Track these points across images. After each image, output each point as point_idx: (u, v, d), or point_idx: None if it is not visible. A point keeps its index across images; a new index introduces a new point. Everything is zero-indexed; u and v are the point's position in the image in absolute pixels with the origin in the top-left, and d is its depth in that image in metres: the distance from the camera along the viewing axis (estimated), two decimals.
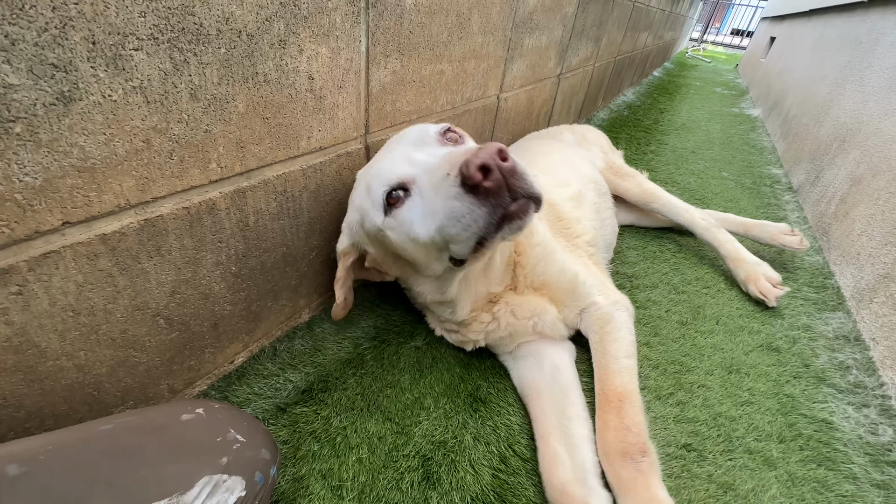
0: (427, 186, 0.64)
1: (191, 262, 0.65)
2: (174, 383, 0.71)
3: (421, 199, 0.65)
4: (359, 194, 0.77)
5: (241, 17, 0.57)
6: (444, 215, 0.60)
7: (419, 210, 0.65)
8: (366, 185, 0.74)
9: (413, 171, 0.67)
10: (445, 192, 0.59)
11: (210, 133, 0.60)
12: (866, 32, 2.11)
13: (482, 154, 0.55)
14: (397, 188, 0.68)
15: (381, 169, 0.71)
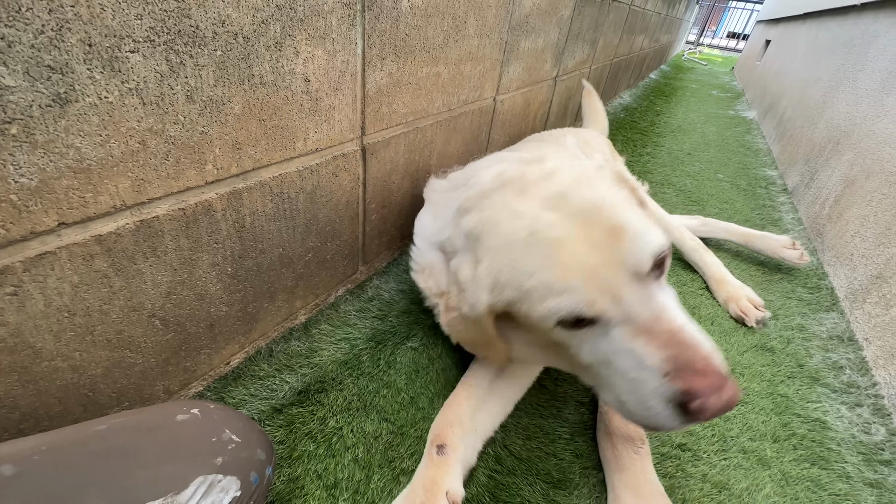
0: (628, 343, 0.55)
1: (187, 263, 0.65)
2: (170, 384, 0.71)
3: (614, 343, 0.57)
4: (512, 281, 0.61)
5: (238, 20, 0.58)
6: (635, 398, 0.56)
7: (601, 348, 0.58)
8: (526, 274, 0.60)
9: (615, 312, 0.56)
10: (651, 388, 0.54)
11: (206, 135, 0.60)
12: (859, 35, 2.13)
13: (718, 405, 0.50)
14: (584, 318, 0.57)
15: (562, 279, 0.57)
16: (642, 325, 0.56)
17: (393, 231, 1.16)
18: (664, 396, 0.53)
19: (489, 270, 0.65)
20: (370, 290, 1.09)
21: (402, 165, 1.07)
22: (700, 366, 0.52)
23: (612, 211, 0.61)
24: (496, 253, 0.64)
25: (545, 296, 0.58)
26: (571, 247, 0.58)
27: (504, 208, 0.66)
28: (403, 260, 1.22)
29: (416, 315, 1.04)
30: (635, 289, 0.57)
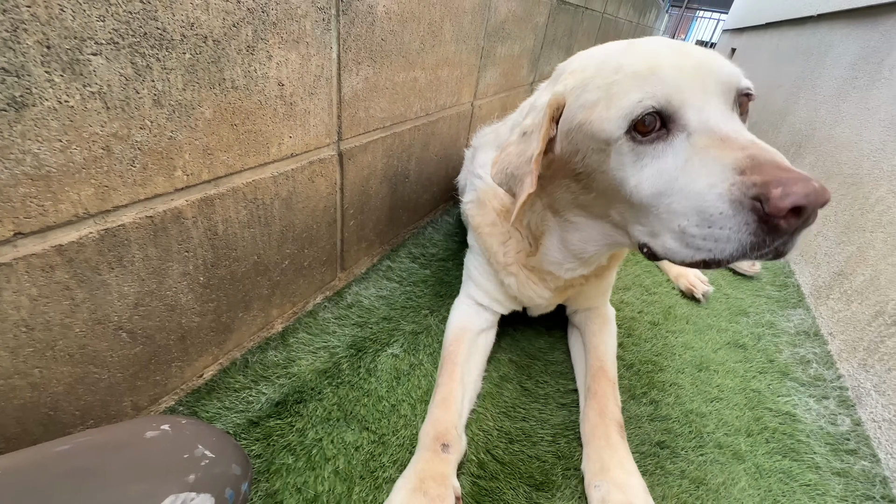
0: (700, 153, 0.50)
1: (155, 272, 0.62)
2: (138, 400, 0.68)
3: (681, 155, 0.51)
4: (592, 73, 0.60)
5: (207, 23, 0.56)
6: (697, 214, 0.49)
7: (668, 166, 0.52)
8: (609, 69, 0.57)
9: (695, 116, 0.52)
10: (718, 191, 0.47)
11: (175, 140, 0.58)
12: (816, 45, 2.24)
13: (806, 189, 0.42)
14: (659, 114, 0.53)
15: (647, 69, 0.54)
16: (720, 134, 0.50)
17: (372, 237, 1.15)
18: (737, 197, 0.45)
19: (573, 74, 0.63)
20: (349, 296, 1.08)
21: (381, 170, 1.06)
22: (783, 164, 0.46)
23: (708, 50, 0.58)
24: (589, 56, 0.64)
25: (629, 88, 0.54)
26: (665, 52, 0.56)
27: (604, 46, 0.66)
28: (383, 265, 1.21)
29: (397, 321, 1.03)
30: (720, 104, 0.53)
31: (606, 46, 0.64)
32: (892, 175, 1.17)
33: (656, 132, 0.53)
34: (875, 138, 1.32)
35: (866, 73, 1.55)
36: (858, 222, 1.24)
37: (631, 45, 0.60)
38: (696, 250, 0.51)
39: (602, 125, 0.57)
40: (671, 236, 0.53)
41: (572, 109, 0.61)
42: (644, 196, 0.55)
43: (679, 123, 0.53)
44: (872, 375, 0.96)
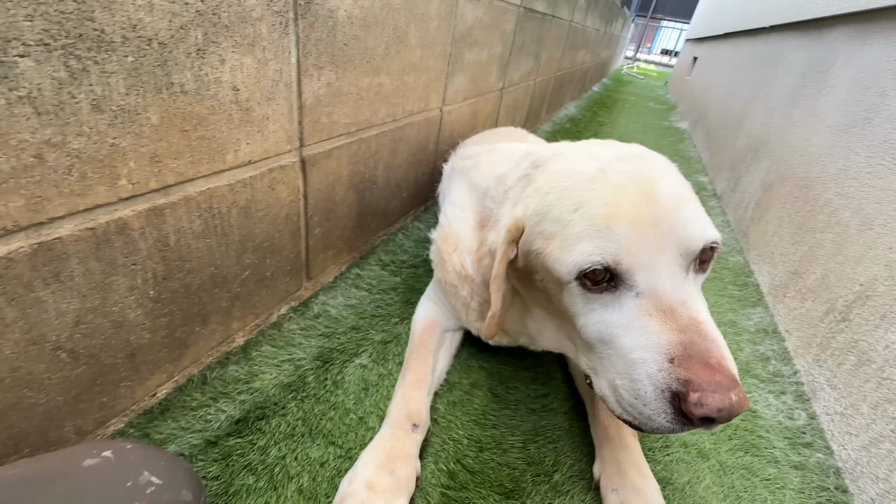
0: (643, 319, 0.51)
1: (98, 287, 0.59)
2: (82, 424, 0.64)
3: (627, 314, 0.52)
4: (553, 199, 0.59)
5: (151, 25, 0.54)
6: (629, 381, 0.50)
7: (613, 319, 0.53)
8: (570, 203, 0.57)
9: (643, 279, 0.52)
10: (648, 371, 0.48)
11: (118, 147, 0.55)
12: (769, 55, 2.36)
13: (720, 405, 0.43)
14: (608, 270, 0.52)
15: (602, 219, 0.53)
16: (664, 305, 0.50)
17: (339, 244, 1.12)
18: (661, 384, 0.47)
19: (537, 192, 0.62)
20: (316, 306, 1.05)
21: (347, 177, 1.04)
22: (713, 361, 0.46)
23: (677, 183, 0.58)
24: (555, 177, 0.62)
25: (583, 236, 0.53)
26: (630, 195, 0.54)
27: (585, 149, 0.66)
28: (351, 274, 1.18)
29: (366, 331, 1.01)
30: (672, 265, 0.53)
31: (574, 168, 0.62)
32: (838, 178, 1.23)
33: (606, 283, 0.54)
34: (823, 143, 1.40)
35: (814, 81, 1.64)
36: (810, 223, 1.30)
37: (598, 176, 0.58)
38: (624, 410, 0.53)
39: (556, 265, 0.56)
40: (607, 385, 0.55)
41: (531, 235, 0.61)
42: (589, 337, 0.57)
43: (627, 283, 0.53)
44: (825, 370, 1.00)
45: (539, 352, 0.95)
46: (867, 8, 1.35)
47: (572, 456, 0.80)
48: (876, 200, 1.04)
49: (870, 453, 0.81)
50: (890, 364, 0.83)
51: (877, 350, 0.87)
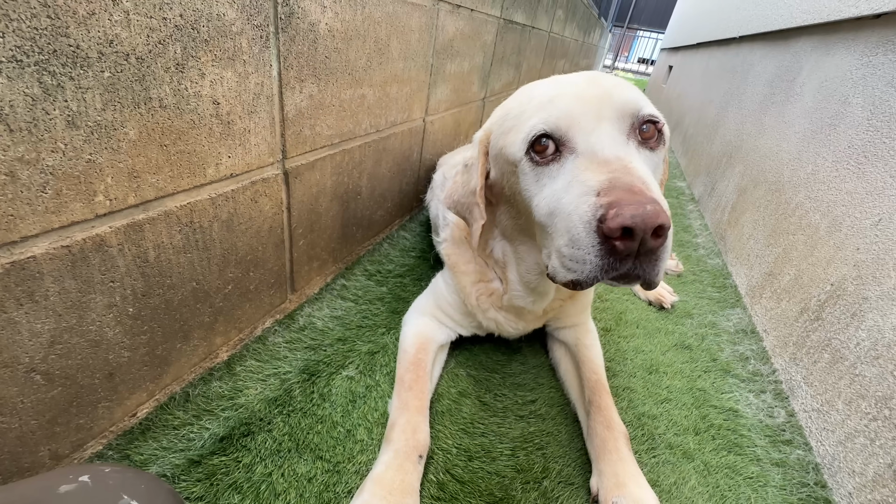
0: (580, 175, 0.53)
1: (75, 306, 0.57)
2: (58, 448, 0.62)
3: (567, 176, 0.55)
4: (513, 104, 0.67)
5: (129, 40, 0.53)
6: (567, 234, 0.51)
7: (557, 186, 0.56)
8: (525, 99, 0.65)
9: (582, 140, 0.56)
10: (579, 212, 0.50)
11: (94, 163, 0.54)
12: (740, 64, 2.45)
13: (633, 212, 0.44)
14: (550, 138, 0.58)
15: (547, 98, 0.60)
16: (599, 159, 0.53)
17: (324, 255, 1.12)
18: (587, 217, 0.48)
19: (503, 107, 0.70)
20: (301, 319, 1.04)
21: (331, 188, 1.04)
22: (636, 188, 0.47)
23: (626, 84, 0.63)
24: (519, 92, 0.70)
25: (532, 114, 0.60)
26: (578, 83, 0.62)
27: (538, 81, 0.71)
28: (337, 285, 1.18)
29: (353, 342, 1.00)
30: (612, 131, 0.57)
31: (537, 81, 0.70)
32: (808, 182, 1.28)
33: (552, 154, 0.58)
34: (792, 149, 1.45)
35: (782, 89, 1.71)
36: (782, 226, 1.35)
37: (553, 79, 0.67)
38: (568, 270, 0.53)
39: (511, 148, 0.63)
40: (555, 255, 0.56)
41: (495, 137, 0.68)
42: (541, 215, 0.59)
43: (569, 146, 0.57)
44: (801, 368, 1.04)
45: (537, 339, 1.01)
46: (829, 20, 1.42)
47: (561, 461, 0.81)
48: (843, 203, 1.08)
49: (846, 448, 0.83)
50: (861, 361, 0.86)
51: (848, 347, 0.91)
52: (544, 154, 0.58)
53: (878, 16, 1.17)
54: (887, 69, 1.08)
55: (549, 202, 0.57)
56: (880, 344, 0.83)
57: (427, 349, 0.91)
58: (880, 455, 0.76)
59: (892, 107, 1.01)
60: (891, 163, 0.96)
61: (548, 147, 0.58)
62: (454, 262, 0.91)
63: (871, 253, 0.93)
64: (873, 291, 0.89)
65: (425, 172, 1.57)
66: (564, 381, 0.97)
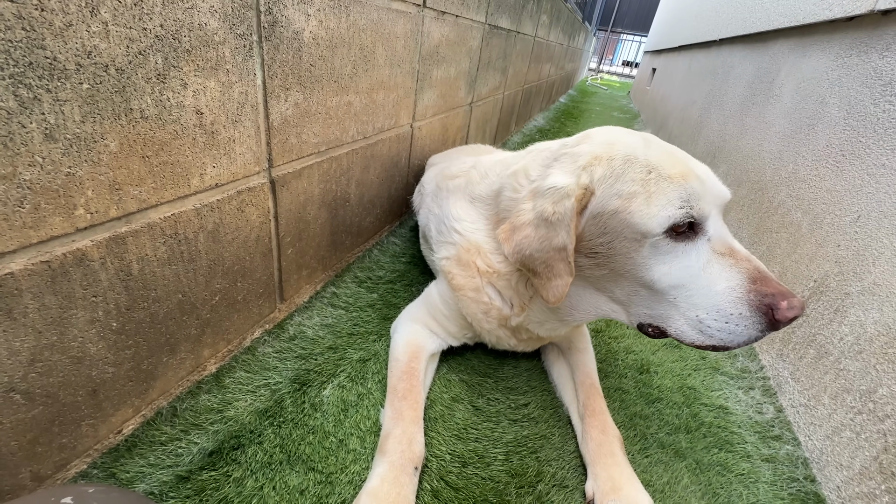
0: (718, 258, 0.63)
1: (56, 322, 0.56)
2: (40, 469, 0.60)
3: (703, 257, 0.63)
4: (620, 164, 0.66)
5: (108, 51, 0.52)
6: (716, 311, 0.61)
7: (691, 263, 0.63)
8: (641, 166, 0.65)
9: (712, 225, 0.64)
10: (737, 295, 0.60)
11: (74, 176, 0.53)
12: (721, 66, 2.50)
13: (802, 305, 0.59)
14: (692, 223, 0.63)
15: (679, 174, 0.63)
16: (726, 245, 0.64)
17: (313, 264, 1.11)
18: (754, 301, 0.59)
19: (599, 160, 0.68)
20: (291, 328, 1.03)
21: (318, 196, 1.03)
22: (775, 279, 0.61)
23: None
24: (610, 146, 0.70)
25: (668, 190, 0.62)
26: (681, 158, 0.67)
27: (603, 132, 0.76)
28: (327, 293, 1.17)
29: (344, 350, 0.99)
30: (719, 215, 0.66)
31: (618, 137, 0.72)
32: (790, 181, 1.31)
33: (685, 234, 0.64)
34: (773, 148, 1.48)
35: (761, 90, 1.75)
36: (766, 224, 1.37)
37: (650, 144, 0.69)
38: (709, 337, 0.63)
39: (642, 219, 0.63)
40: (686, 323, 0.65)
41: (605, 196, 0.67)
42: (665, 286, 0.65)
43: (702, 230, 0.64)
44: (788, 364, 1.05)
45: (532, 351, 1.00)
46: (804, 22, 1.45)
47: (554, 465, 0.81)
48: (823, 201, 1.11)
49: (833, 442, 0.85)
50: (845, 355, 0.88)
51: (832, 343, 0.92)
52: (680, 233, 0.63)
53: (851, 18, 1.21)
54: (861, 70, 1.11)
55: (679, 276, 0.64)
56: (863, 338, 0.85)
57: (419, 357, 0.90)
58: (866, 448, 0.77)
59: (867, 107, 1.04)
60: (867, 161, 0.99)
61: (684, 229, 0.63)
62: (459, 283, 0.88)
63: (852, 249, 0.95)
64: (855, 287, 0.91)
65: (414, 178, 1.57)
66: (557, 384, 0.98)
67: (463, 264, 0.88)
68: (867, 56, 1.10)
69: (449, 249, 0.92)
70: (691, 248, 0.64)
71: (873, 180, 0.95)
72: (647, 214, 0.63)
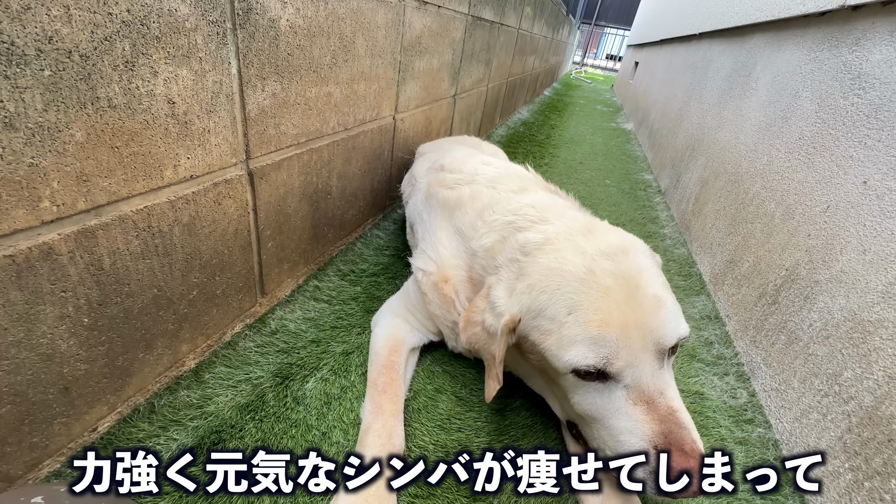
0: (629, 409, 0.62)
1: (22, 319, 0.54)
2: (9, 469, 0.58)
3: (615, 402, 0.63)
4: (545, 298, 0.68)
5: (70, 37, 0.50)
6: (613, 453, 0.63)
7: (603, 404, 0.64)
8: (561, 299, 0.66)
9: (629, 374, 0.62)
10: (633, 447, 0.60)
11: (37, 166, 0.51)
12: (700, 59, 2.54)
13: (696, 487, 0.57)
14: (599, 371, 0.63)
15: (601, 327, 0.62)
16: (646, 395, 0.62)
17: (295, 257, 1.10)
18: (647, 467, 0.59)
19: (531, 289, 0.70)
20: (273, 322, 1.02)
21: (299, 188, 1.02)
22: (688, 448, 0.59)
23: (655, 284, 0.68)
24: (547, 275, 0.70)
25: (575, 339, 0.63)
26: (617, 299, 0.64)
27: (570, 237, 0.74)
28: (310, 286, 1.16)
29: (326, 343, 0.99)
30: (652, 360, 0.63)
31: (563, 267, 0.70)
32: (764, 173, 1.34)
33: (596, 375, 0.64)
34: (749, 141, 1.52)
35: (739, 84, 1.78)
36: (741, 215, 1.41)
37: (587, 279, 0.67)
38: (610, 450, 0.65)
39: (552, 359, 0.66)
40: (600, 443, 0.67)
41: (527, 328, 0.70)
42: (581, 412, 0.68)
43: (616, 378, 0.63)
44: (761, 350, 1.09)
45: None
46: (780, 17, 1.48)
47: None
48: (795, 192, 1.14)
49: (801, 424, 0.88)
50: (814, 341, 0.91)
51: (802, 329, 0.96)
52: (589, 375, 0.64)
53: (824, 13, 1.24)
54: (832, 64, 1.14)
55: (591, 409, 0.66)
56: (830, 324, 0.88)
57: (400, 351, 0.90)
58: (831, 429, 0.81)
59: (837, 100, 1.07)
60: (837, 153, 1.02)
61: (595, 373, 0.63)
62: (433, 311, 0.92)
63: (821, 238, 0.98)
64: (823, 275, 0.94)
65: (398, 171, 1.56)
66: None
67: (438, 289, 0.91)
68: (838, 50, 1.13)
69: (428, 264, 0.93)
70: (604, 389, 0.64)
71: (842, 171, 0.98)
72: (556, 355, 0.65)
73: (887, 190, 0.84)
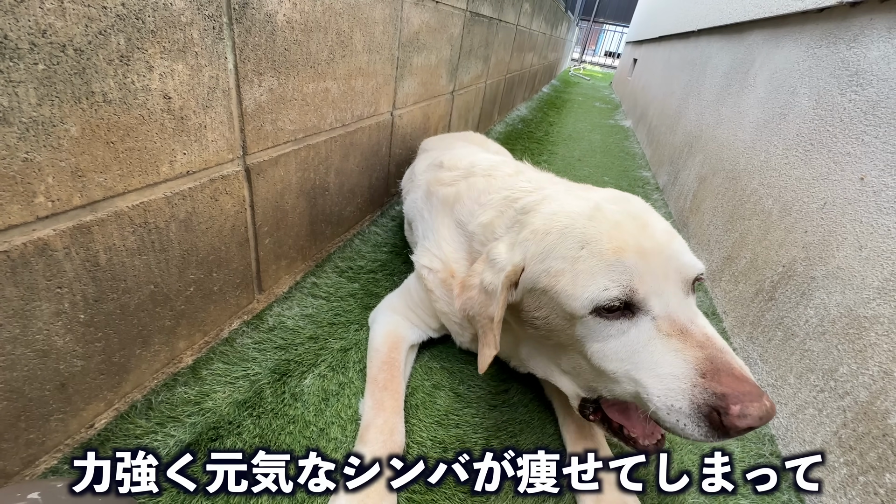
0: (663, 339, 0.54)
1: (17, 315, 0.54)
2: (6, 465, 0.58)
3: (644, 334, 0.55)
4: (554, 238, 0.62)
5: (64, 30, 0.50)
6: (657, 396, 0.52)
7: (632, 340, 0.56)
8: (572, 238, 0.60)
9: (657, 303, 0.55)
10: (681, 386, 0.50)
11: (32, 162, 0.51)
12: (699, 56, 2.53)
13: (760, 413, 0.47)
14: (624, 302, 0.56)
15: (610, 251, 0.57)
16: (678, 324, 0.55)
17: (292, 253, 1.09)
18: (697, 400, 0.49)
19: (535, 234, 0.65)
20: (271, 319, 1.02)
21: (296, 184, 1.01)
22: (738, 372, 0.50)
23: (663, 221, 0.66)
24: (552, 218, 0.65)
25: (595, 270, 0.57)
26: (629, 229, 0.60)
27: (569, 192, 0.71)
28: (308, 282, 1.16)
29: (324, 340, 0.99)
30: (676, 289, 0.58)
31: (569, 208, 0.66)
32: (762, 170, 1.35)
33: (621, 311, 0.57)
34: (747, 138, 1.52)
35: (737, 81, 1.78)
36: (739, 212, 1.41)
37: (596, 213, 0.63)
38: (659, 419, 0.55)
39: (568, 300, 0.59)
40: (631, 396, 0.57)
41: (535, 273, 0.64)
42: (604, 362, 0.59)
43: (643, 309, 0.57)
44: (757, 346, 1.09)
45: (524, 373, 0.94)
46: (778, 14, 1.48)
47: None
48: (793, 189, 1.14)
49: (797, 419, 0.89)
50: (810, 337, 0.92)
51: (798, 325, 0.96)
52: (614, 312, 0.57)
53: (822, 10, 1.23)
54: (830, 61, 1.14)
55: (619, 355, 0.57)
56: (826, 320, 0.88)
57: (399, 348, 0.90)
58: (827, 424, 0.81)
59: (835, 97, 1.07)
60: (834, 150, 1.02)
61: (619, 307, 0.57)
62: (440, 308, 0.90)
63: (818, 235, 0.99)
64: (819, 271, 0.95)
65: (396, 167, 1.56)
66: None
67: (446, 286, 0.88)
68: (836, 47, 1.13)
69: (433, 262, 0.91)
70: (630, 326, 0.57)
71: (839, 168, 0.98)
72: (572, 295, 0.58)
73: (884, 186, 0.84)
